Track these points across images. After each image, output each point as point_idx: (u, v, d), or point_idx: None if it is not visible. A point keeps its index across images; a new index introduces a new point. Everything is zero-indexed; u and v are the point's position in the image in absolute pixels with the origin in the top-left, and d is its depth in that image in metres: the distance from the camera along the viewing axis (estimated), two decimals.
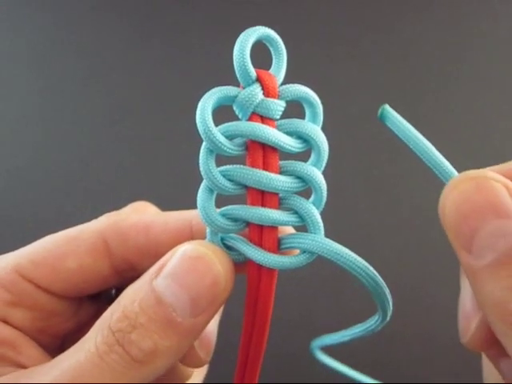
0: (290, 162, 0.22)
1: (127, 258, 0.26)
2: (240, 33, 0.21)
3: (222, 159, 0.22)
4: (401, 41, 0.61)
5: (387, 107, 0.21)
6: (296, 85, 0.22)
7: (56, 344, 0.27)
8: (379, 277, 0.22)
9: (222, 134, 0.21)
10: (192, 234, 0.26)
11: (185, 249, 0.22)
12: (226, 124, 0.21)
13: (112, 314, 0.21)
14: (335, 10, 0.61)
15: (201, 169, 0.21)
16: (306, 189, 0.23)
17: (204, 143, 0.21)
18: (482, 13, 0.61)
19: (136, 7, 0.60)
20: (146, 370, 0.21)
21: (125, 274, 0.27)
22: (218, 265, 0.21)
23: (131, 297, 0.21)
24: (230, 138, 0.21)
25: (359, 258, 0.22)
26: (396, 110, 0.21)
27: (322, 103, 0.22)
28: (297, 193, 0.22)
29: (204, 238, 0.23)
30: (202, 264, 0.21)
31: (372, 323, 0.23)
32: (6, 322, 0.25)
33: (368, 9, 0.61)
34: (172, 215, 0.27)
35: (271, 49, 0.23)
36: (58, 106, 0.57)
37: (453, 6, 0.61)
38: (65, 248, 0.26)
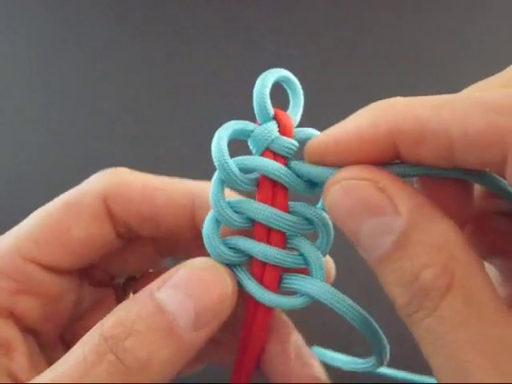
0: (299, 203, 0.22)
1: (127, 222, 0.25)
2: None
3: None
4: (400, 41, 0.61)
5: None
6: (310, 129, 0.22)
7: (55, 337, 0.26)
8: (377, 328, 0.22)
9: (237, 166, 0.21)
10: (194, 210, 0.25)
11: (193, 261, 0.21)
12: (241, 157, 0.21)
13: (104, 323, 0.19)
14: (335, 11, 0.60)
15: (211, 199, 0.21)
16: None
17: (216, 173, 0.21)
18: (482, 13, 0.61)
19: (136, 6, 0.60)
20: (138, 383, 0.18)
21: (124, 236, 0.26)
22: (227, 276, 0.21)
23: (127, 308, 0.20)
24: (243, 171, 0.21)
25: (359, 308, 0.21)
26: None
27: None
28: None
29: (204, 214, 0.22)
30: (211, 274, 0.21)
31: (368, 365, 0.23)
32: (12, 313, 0.23)
33: (367, 9, 0.60)
34: (177, 187, 0.26)
35: (289, 91, 0.23)
36: (57, 105, 0.56)
37: (452, 6, 0.61)
38: (67, 219, 0.24)
